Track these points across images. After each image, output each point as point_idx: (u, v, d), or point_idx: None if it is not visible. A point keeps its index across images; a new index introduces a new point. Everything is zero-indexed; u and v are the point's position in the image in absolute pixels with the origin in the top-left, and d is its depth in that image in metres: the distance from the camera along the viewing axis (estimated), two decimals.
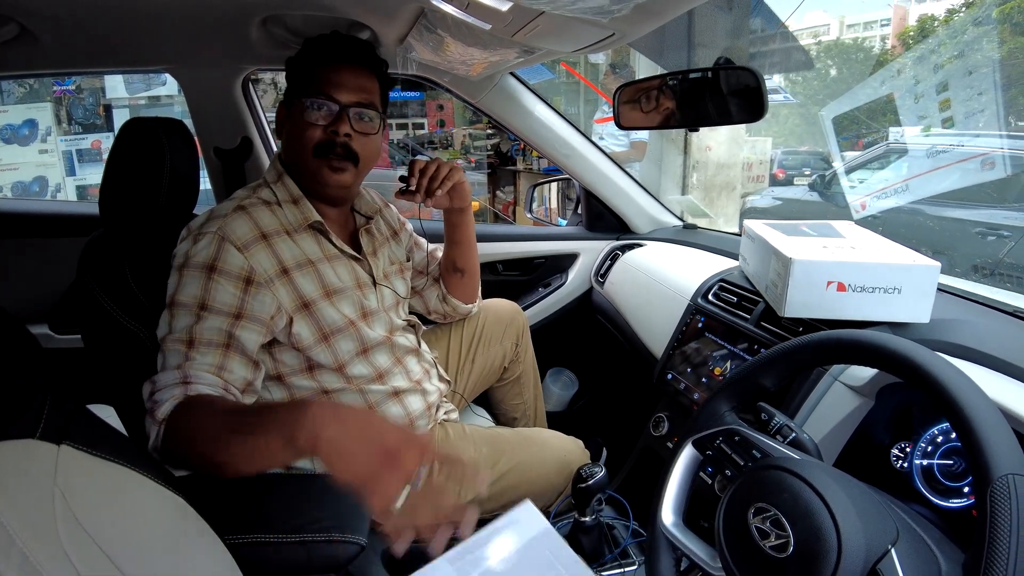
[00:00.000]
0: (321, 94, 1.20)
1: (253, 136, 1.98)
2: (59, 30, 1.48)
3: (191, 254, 1.12)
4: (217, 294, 1.10)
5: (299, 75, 1.25)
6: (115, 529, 0.70)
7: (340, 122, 1.21)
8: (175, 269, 1.13)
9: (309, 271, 1.21)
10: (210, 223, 1.15)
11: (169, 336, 1.08)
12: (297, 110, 1.22)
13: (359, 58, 1.25)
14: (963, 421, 0.63)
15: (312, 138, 1.21)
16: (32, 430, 0.67)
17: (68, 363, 1.44)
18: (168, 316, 1.10)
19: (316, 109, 1.20)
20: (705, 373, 1.39)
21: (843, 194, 6.14)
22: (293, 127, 1.23)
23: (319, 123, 1.21)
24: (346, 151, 1.22)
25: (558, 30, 1.01)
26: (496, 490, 1.35)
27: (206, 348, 1.07)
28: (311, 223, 1.24)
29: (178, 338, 1.07)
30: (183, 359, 1.06)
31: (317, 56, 1.24)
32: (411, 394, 1.36)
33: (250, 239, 1.15)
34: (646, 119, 1.60)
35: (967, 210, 4.72)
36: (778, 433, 0.87)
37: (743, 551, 0.73)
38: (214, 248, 1.12)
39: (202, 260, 1.11)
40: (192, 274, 1.11)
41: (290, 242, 1.21)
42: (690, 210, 2.30)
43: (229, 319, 1.10)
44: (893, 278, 1.08)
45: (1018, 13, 8.38)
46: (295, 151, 1.24)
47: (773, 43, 7.94)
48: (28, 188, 5.18)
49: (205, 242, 1.12)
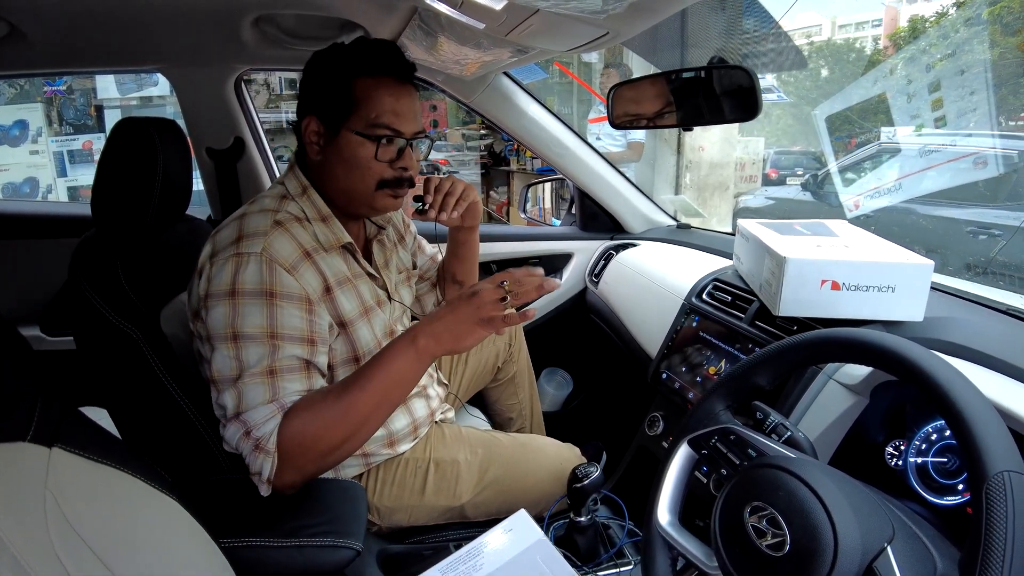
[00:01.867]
0: (387, 127, 1.12)
1: (245, 136, 1.98)
2: (50, 29, 1.47)
3: (241, 281, 1.04)
4: (284, 319, 1.05)
5: (340, 91, 1.13)
6: (108, 532, 0.69)
7: (407, 158, 1.17)
8: (223, 296, 1.04)
9: (348, 288, 1.18)
10: (251, 242, 1.07)
11: (246, 372, 1.02)
12: (352, 141, 1.13)
13: (408, 75, 1.17)
14: (958, 419, 0.63)
15: (378, 174, 1.15)
16: (23, 433, 0.66)
17: (60, 365, 1.43)
18: (233, 350, 1.03)
19: (385, 144, 1.13)
20: (700, 372, 1.39)
21: (836, 194, 6.17)
22: (347, 158, 1.14)
23: (385, 159, 1.14)
24: (409, 182, 1.19)
25: (552, 29, 1.01)
26: (490, 495, 1.35)
27: (290, 375, 1.03)
28: (343, 244, 1.20)
29: (257, 372, 1.02)
30: (272, 392, 1.02)
31: (364, 72, 1.13)
32: (417, 399, 1.36)
33: (296, 259, 1.09)
34: (640, 119, 1.60)
35: (959, 209, 4.74)
36: (773, 432, 0.87)
37: (739, 550, 0.73)
38: (266, 272, 1.05)
39: (257, 287, 1.04)
40: (249, 302, 1.04)
41: (325, 260, 1.16)
42: (684, 210, 2.31)
43: (303, 346, 1.06)
44: (887, 277, 1.08)
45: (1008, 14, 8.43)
46: (349, 181, 1.16)
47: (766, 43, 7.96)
48: (19, 189, 5.15)
49: (254, 267, 1.05)
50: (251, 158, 2.00)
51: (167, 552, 0.78)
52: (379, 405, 1.04)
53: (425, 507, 1.33)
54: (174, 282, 1.30)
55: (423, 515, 1.34)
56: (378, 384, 1.02)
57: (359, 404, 1.01)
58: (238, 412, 1.01)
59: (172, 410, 1.16)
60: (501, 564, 0.91)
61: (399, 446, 1.32)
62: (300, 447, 1.00)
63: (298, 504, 1.06)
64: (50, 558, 0.62)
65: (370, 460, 1.30)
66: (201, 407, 1.18)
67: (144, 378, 1.14)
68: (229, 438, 1.02)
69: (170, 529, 0.80)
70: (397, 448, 1.32)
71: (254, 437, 0.99)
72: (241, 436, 1.00)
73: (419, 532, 1.36)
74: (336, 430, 1.01)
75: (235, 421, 1.01)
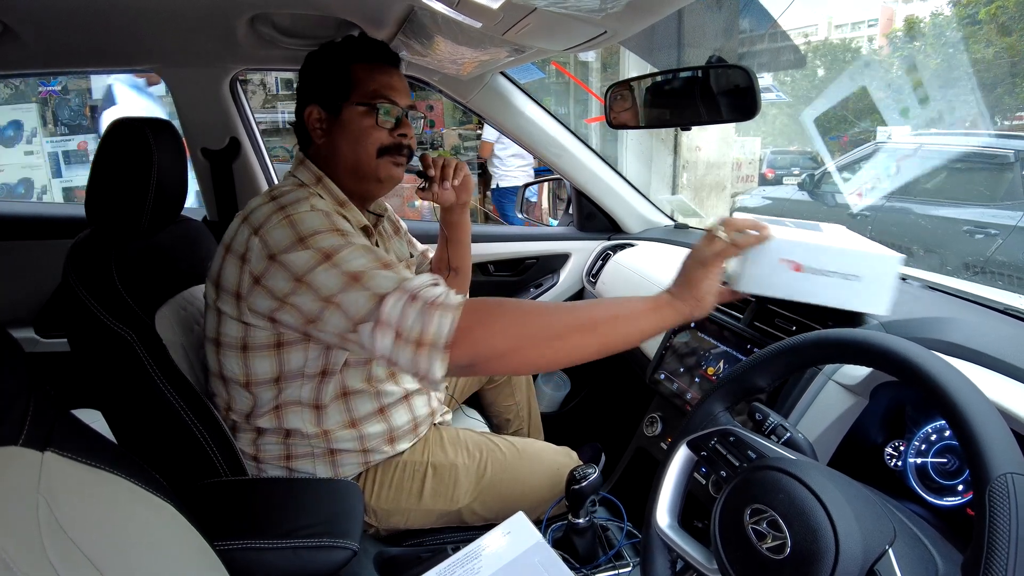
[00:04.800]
0: (385, 98, 1.21)
1: (241, 136, 1.97)
2: (44, 29, 1.46)
3: (305, 230, 1.03)
4: (359, 241, 1.05)
5: (338, 77, 1.22)
6: (101, 537, 0.69)
7: (404, 125, 1.25)
8: (292, 247, 1.02)
9: None
10: (296, 205, 1.08)
11: (365, 270, 0.98)
12: (355, 113, 1.21)
13: (396, 62, 1.28)
14: (960, 420, 0.63)
15: (379, 140, 1.22)
16: (15, 436, 0.65)
17: (54, 367, 1.42)
18: (334, 268, 0.99)
19: (383, 114, 1.21)
20: (698, 373, 1.38)
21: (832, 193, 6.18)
22: (350, 130, 1.22)
23: (385, 127, 1.22)
24: (408, 151, 1.27)
25: (549, 28, 1.00)
26: (487, 499, 1.35)
27: (399, 269, 1.01)
28: (363, 226, 1.24)
29: (374, 266, 0.99)
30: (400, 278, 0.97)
31: (359, 59, 1.23)
32: (418, 396, 1.36)
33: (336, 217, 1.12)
34: (637, 118, 1.59)
35: (956, 208, 4.76)
36: (772, 433, 0.87)
37: (739, 553, 0.72)
38: (323, 217, 1.06)
39: (322, 227, 1.04)
40: (325, 237, 1.03)
41: None
42: (681, 210, 2.31)
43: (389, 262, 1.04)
44: (852, 265, 1.05)
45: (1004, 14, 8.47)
46: (354, 152, 1.23)
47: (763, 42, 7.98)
48: (13, 190, 5.12)
49: (310, 217, 1.05)
50: (246, 158, 1.99)
51: (161, 555, 0.77)
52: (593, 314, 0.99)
53: (422, 510, 1.32)
54: (169, 283, 1.29)
55: (420, 518, 1.33)
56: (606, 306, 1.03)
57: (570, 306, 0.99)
58: (382, 293, 0.95)
59: (167, 412, 1.15)
60: (499, 567, 0.90)
61: (399, 444, 1.32)
62: (487, 309, 0.95)
63: (293, 505, 1.05)
64: (43, 563, 0.62)
65: (369, 459, 1.30)
66: (196, 409, 1.17)
67: (138, 380, 1.13)
68: (387, 317, 0.93)
69: (164, 532, 0.79)
70: (397, 446, 1.32)
71: (425, 298, 0.93)
72: (406, 303, 0.93)
73: (416, 535, 1.35)
74: (532, 313, 0.97)
75: (391, 296, 0.94)
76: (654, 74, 1.52)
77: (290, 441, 1.24)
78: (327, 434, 1.23)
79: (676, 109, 1.49)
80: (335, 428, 1.24)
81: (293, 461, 1.25)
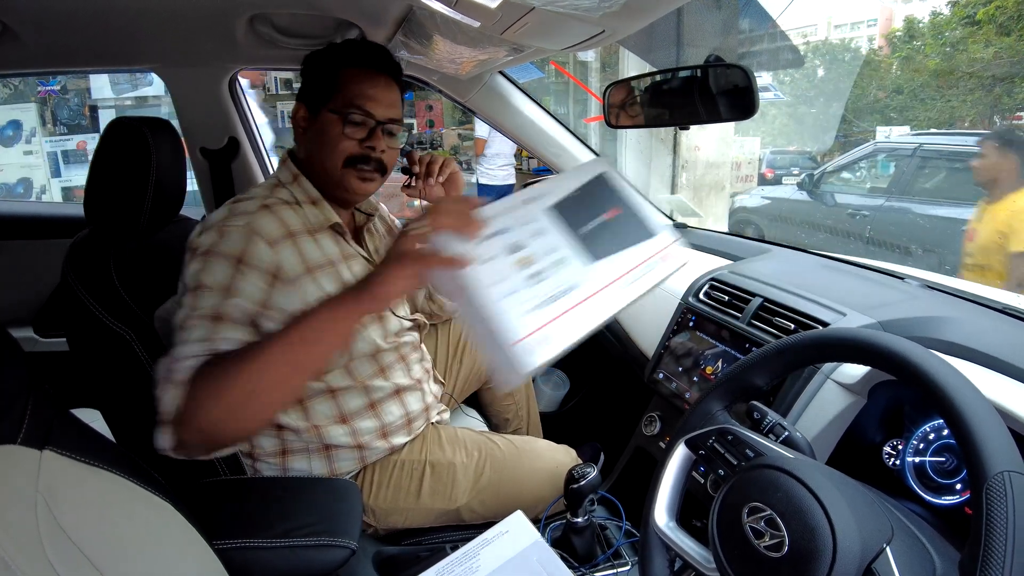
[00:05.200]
0: (358, 108, 1.19)
1: (240, 136, 1.97)
2: (42, 29, 1.46)
3: (218, 245, 1.08)
4: (244, 285, 1.06)
5: (326, 79, 1.22)
6: (100, 535, 0.69)
7: (376, 138, 1.21)
8: (199, 255, 1.08)
9: (330, 271, 1.21)
10: (237, 218, 1.13)
11: (194, 313, 1.01)
12: (330, 119, 1.20)
13: (389, 69, 1.24)
14: (958, 419, 0.63)
15: (346, 150, 1.20)
16: (13, 435, 0.65)
17: (53, 367, 1.42)
18: (191, 298, 1.04)
19: (353, 124, 1.19)
20: (696, 372, 1.38)
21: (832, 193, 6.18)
22: (323, 134, 1.21)
23: (354, 137, 1.20)
24: (378, 164, 1.23)
25: (548, 27, 1.00)
26: (486, 497, 1.34)
27: (233, 325, 1.02)
28: (332, 224, 1.24)
29: (204, 314, 1.01)
30: (210, 332, 0.99)
31: (350, 64, 1.22)
32: (411, 392, 1.36)
33: (278, 236, 1.14)
34: (636, 117, 1.59)
35: (955, 208, 4.76)
36: (771, 432, 0.87)
37: (738, 551, 0.72)
38: (244, 241, 1.09)
39: (230, 250, 1.08)
40: (219, 261, 1.07)
41: (313, 242, 1.21)
42: (680, 209, 2.30)
43: (256, 306, 1.06)
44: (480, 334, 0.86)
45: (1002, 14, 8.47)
46: (323, 157, 1.22)
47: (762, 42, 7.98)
48: (12, 190, 5.13)
49: (235, 235, 1.09)
50: (245, 158, 1.99)
51: (160, 554, 0.77)
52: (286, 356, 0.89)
53: (421, 509, 1.32)
54: (168, 283, 1.29)
55: (419, 517, 1.33)
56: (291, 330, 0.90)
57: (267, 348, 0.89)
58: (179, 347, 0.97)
59: None
60: (498, 566, 0.90)
61: (393, 438, 1.32)
62: (212, 387, 0.88)
63: (292, 504, 1.05)
64: (41, 561, 0.62)
65: (365, 455, 1.30)
66: None
67: (137, 379, 1.13)
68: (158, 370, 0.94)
69: (163, 531, 0.79)
70: (391, 440, 1.32)
71: (169, 370, 0.91)
72: (164, 370, 0.92)
73: (415, 534, 1.35)
74: (242, 376, 0.88)
75: (166, 357, 0.95)
76: (653, 73, 1.52)
77: (284, 436, 1.24)
78: (318, 429, 1.23)
79: (675, 108, 1.49)
80: (325, 424, 1.24)
81: (289, 457, 1.25)
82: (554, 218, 0.95)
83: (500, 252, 0.86)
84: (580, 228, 0.95)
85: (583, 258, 0.93)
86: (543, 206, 0.95)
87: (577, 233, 0.95)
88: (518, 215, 0.91)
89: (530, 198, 0.95)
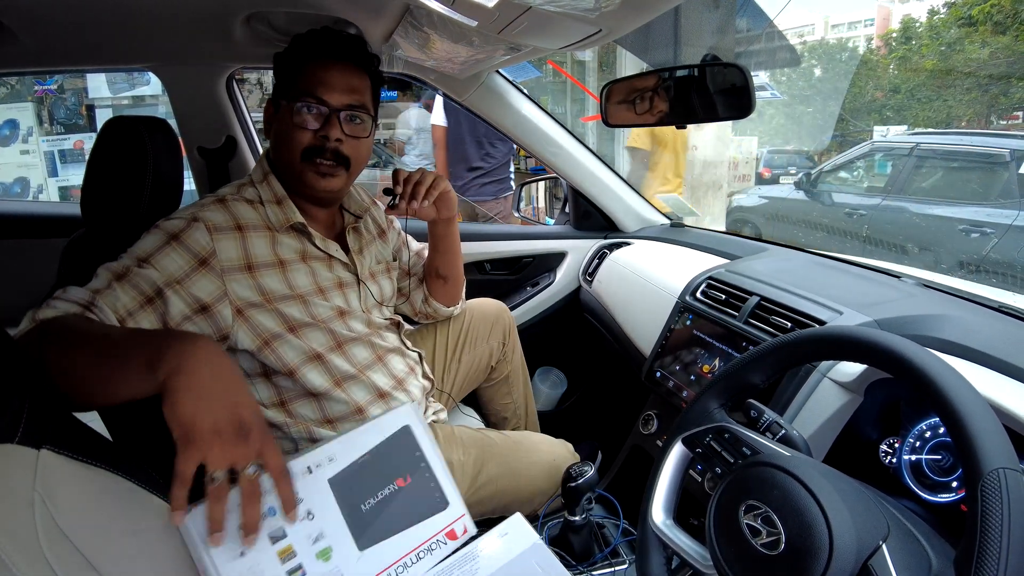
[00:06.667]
0: (310, 96, 1.15)
1: (238, 135, 1.96)
2: (39, 27, 1.46)
3: (162, 223, 1.12)
4: (165, 260, 1.07)
5: (287, 73, 1.20)
6: (98, 535, 0.69)
7: (330, 126, 1.17)
8: (144, 232, 1.12)
9: (276, 271, 1.18)
10: (191, 207, 1.16)
11: (103, 266, 1.05)
12: (285, 111, 1.17)
13: (349, 55, 1.20)
14: (953, 416, 0.63)
15: (301, 142, 1.17)
16: (10, 434, 0.65)
17: None
18: (116, 261, 1.07)
19: (306, 111, 1.16)
20: (694, 371, 1.39)
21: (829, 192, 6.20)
22: (281, 128, 1.19)
23: (308, 127, 1.16)
24: (336, 156, 1.19)
25: (544, 26, 1.01)
26: (484, 495, 1.34)
27: (130, 289, 1.03)
28: (292, 224, 1.21)
29: (111, 268, 1.05)
30: (103, 285, 1.02)
31: (305, 53, 1.19)
32: (396, 392, 1.34)
33: (223, 226, 1.14)
34: (633, 116, 1.60)
35: (952, 208, 4.77)
36: (767, 430, 0.87)
37: (734, 549, 0.72)
38: (184, 223, 1.11)
39: (168, 228, 1.10)
40: (155, 235, 1.10)
41: (267, 239, 1.18)
42: (677, 209, 2.30)
43: (166, 279, 1.06)
44: None
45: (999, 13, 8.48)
46: (282, 153, 1.20)
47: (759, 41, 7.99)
48: (9, 189, 5.12)
49: (178, 218, 1.12)
50: (243, 157, 1.99)
51: (158, 554, 0.77)
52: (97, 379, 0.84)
53: None
54: None
55: None
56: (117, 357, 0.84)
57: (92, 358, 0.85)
58: None
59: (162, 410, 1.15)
60: (496, 568, 0.90)
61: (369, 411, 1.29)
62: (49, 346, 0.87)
63: None
64: (39, 561, 0.62)
65: None
66: None
67: None
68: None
69: (162, 532, 0.79)
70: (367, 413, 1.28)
71: (47, 303, 0.99)
72: (47, 298, 1.01)
73: None
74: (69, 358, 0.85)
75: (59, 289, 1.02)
76: (650, 72, 1.52)
77: (275, 434, 1.23)
78: (307, 426, 1.23)
79: (672, 107, 1.49)
80: (311, 424, 1.23)
81: None
82: (333, 493, 0.87)
83: (261, 541, 0.80)
84: (362, 504, 0.88)
85: (354, 545, 0.86)
86: (326, 475, 0.87)
87: (357, 511, 0.88)
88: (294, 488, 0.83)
89: (315, 463, 0.87)
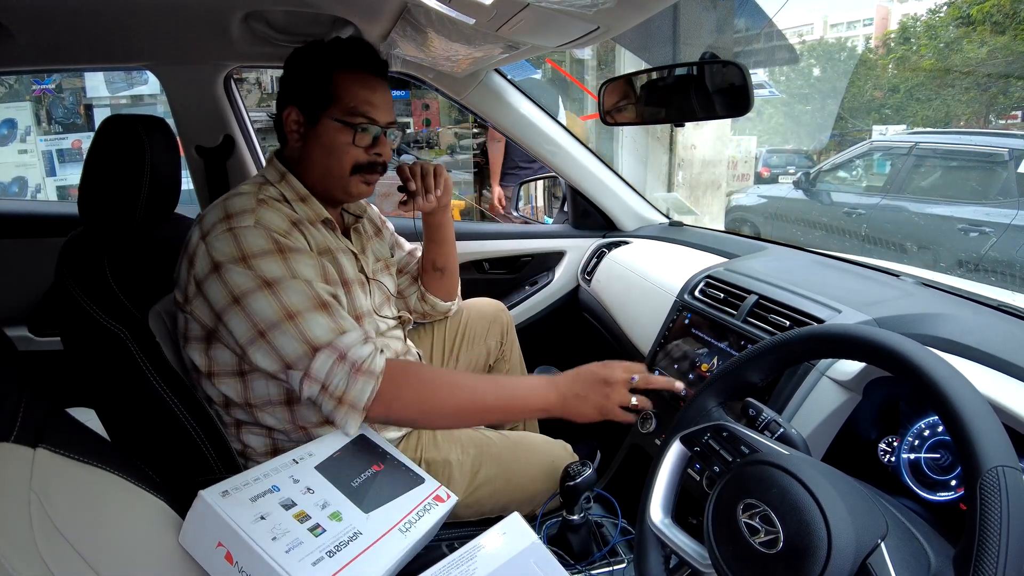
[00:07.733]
0: (362, 115, 1.20)
1: (235, 134, 1.96)
2: (37, 26, 1.46)
3: (246, 248, 1.07)
4: (301, 267, 1.09)
5: (316, 82, 1.20)
6: (94, 534, 0.69)
7: (381, 145, 1.24)
8: (233, 263, 1.06)
9: (330, 258, 1.23)
10: (241, 218, 1.11)
11: (300, 310, 1.05)
12: (331, 127, 1.20)
13: (383, 71, 1.26)
14: (952, 414, 0.63)
15: (353, 158, 1.22)
16: (7, 433, 0.65)
17: (48, 366, 1.41)
18: (270, 295, 1.05)
19: (360, 132, 1.20)
20: (692, 370, 1.38)
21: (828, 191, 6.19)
22: (326, 143, 1.21)
23: (361, 145, 1.22)
24: (382, 168, 1.27)
25: (542, 24, 1.00)
26: (482, 495, 1.34)
27: (339, 310, 1.09)
28: (323, 219, 1.25)
29: (310, 306, 1.06)
30: (335, 323, 1.07)
31: (338, 65, 1.21)
32: None
33: (287, 227, 1.15)
34: (632, 114, 1.59)
35: (950, 207, 4.77)
36: (766, 429, 0.87)
37: (732, 547, 0.72)
38: (266, 236, 1.09)
39: (264, 248, 1.08)
40: (264, 260, 1.07)
41: (312, 231, 1.22)
42: (676, 208, 2.30)
43: (328, 285, 1.13)
44: None
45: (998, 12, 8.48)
46: (327, 164, 1.23)
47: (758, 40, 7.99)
48: (7, 189, 5.10)
49: (253, 235, 1.09)
50: (241, 156, 1.99)
51: (156, 554, 0.77)
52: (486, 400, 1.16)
53: None
54: (162, 281, 1.28)
55: None
56: (503, 385, 1.22)
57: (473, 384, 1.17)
58: (315, 345, 1.04)
59: (160, 410, 1.15)
60: (494, 568, 0.90)
61: (383, 434, 1.30)
62: (404, 379, 1.08)
63: None
64: (34, 559, 0.62)
65: None
66: (190, 406, 1.17)
67: (132, 378, 1.13)
68: (316, 372, 1.03)
69: (159, 531, 0.79)
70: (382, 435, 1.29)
71: (352, 360, 1.04)
72: (335, 362, 1.04)
73: None
74: (441, 389, 1.13)
75: (322, 352, 1.04)
76: (648, 70, 1.52)
77: (274, 436, 1.24)
78: (306, 430, 1.23)
79: (670, 105, 1.49)
80: (311, 427, 1.23)
81: None
82: (322, 476, 1.00)
83: (275, 509, 0.89)
84: (351, 482, 1.01)
85: (358, 510, 0.97)
86: (312, 464, 1.01)
87: (348, 487, 1.00)
88: (285, 475, 0.96)
89: (299, 457, 1.01)
